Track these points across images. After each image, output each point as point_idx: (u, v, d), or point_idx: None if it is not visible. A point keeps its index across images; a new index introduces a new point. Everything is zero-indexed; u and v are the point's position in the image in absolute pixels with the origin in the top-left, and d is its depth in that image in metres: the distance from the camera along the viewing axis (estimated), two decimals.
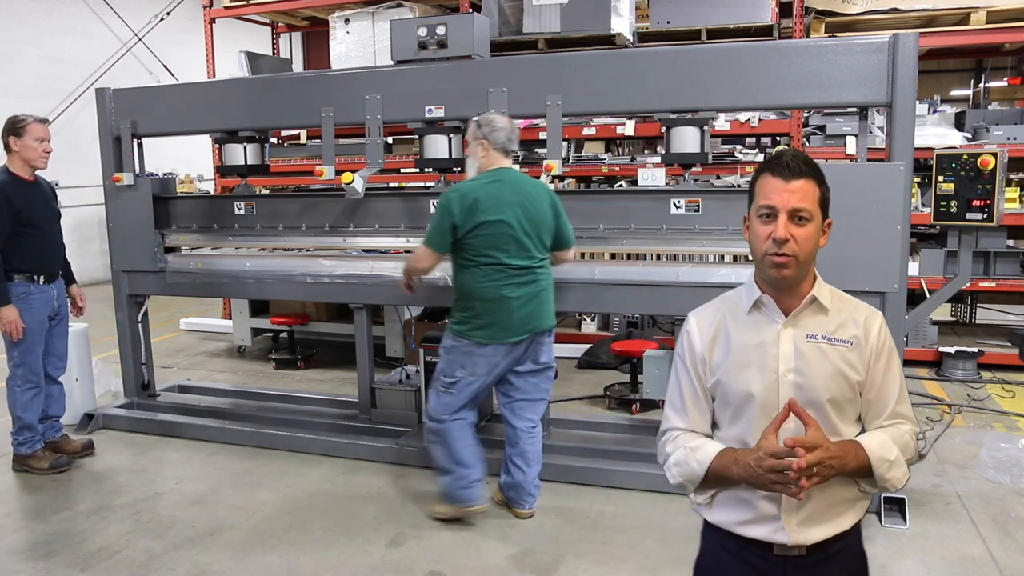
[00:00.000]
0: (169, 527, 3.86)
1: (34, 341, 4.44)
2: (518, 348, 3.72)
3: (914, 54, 3.62)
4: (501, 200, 3.59)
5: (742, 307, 1.80)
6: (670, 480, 1.83)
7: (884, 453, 1.68)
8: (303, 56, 11.76)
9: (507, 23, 6.30)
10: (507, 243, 3.60)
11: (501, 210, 3.58)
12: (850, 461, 1.65)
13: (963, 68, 14.06)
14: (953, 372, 6.02)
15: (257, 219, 4.99)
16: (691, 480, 1.78)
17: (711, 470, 1.74)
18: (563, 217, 3.82)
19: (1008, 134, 6.10)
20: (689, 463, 1.77)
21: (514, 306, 3.63)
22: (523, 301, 3.66)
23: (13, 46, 10.52)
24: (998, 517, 3.80)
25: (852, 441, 1.70)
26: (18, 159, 4.36)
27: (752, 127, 6.41)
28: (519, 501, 3.88)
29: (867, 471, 1.68)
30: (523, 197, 3.65)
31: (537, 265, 3.72)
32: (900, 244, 3.67)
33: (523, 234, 3.63)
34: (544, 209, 3.72)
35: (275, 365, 6.84)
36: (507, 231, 3.59)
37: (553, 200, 3.79)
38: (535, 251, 3.70)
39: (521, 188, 3.67)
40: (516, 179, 3.71)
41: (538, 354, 3.80)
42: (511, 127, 3.74)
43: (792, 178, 1.68)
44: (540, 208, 3.70)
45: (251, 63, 7.33)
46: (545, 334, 3.81)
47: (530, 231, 3.65)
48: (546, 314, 3.78)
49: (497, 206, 3.58)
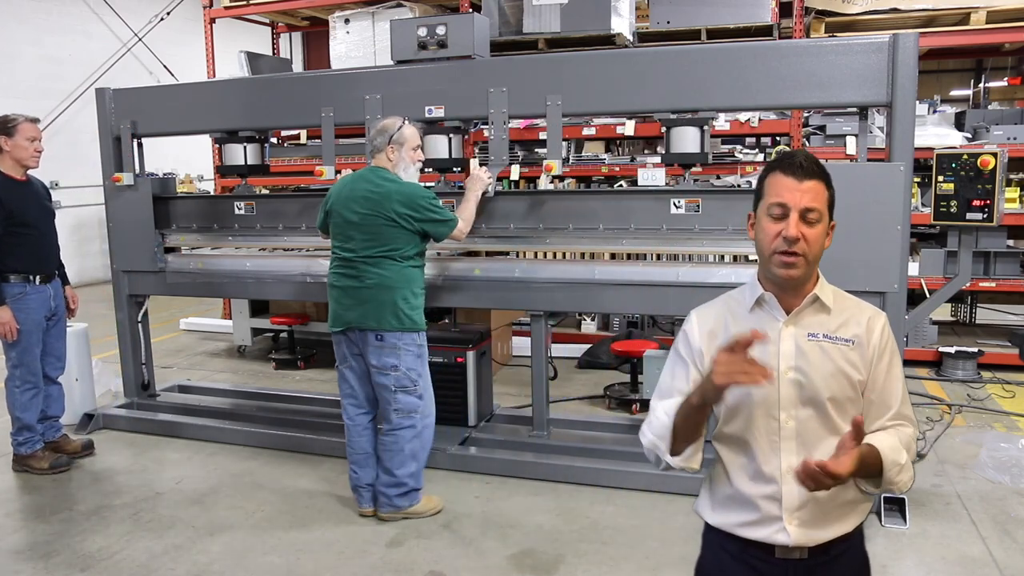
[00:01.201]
0: (169, 527, 3.86)
1: (31, 342, 4.44)
2: (344, 340, 3.87)
3: (914, 54, 3.62)
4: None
5: (744, 305, 1.79)
6: (644, 444, 1.79)
7: (896, 456, 1.68)
8: (303, 56, 11.77)
9: (507, 23, 6.30)
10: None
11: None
12: (867, 465, 1.63)
13: (963, 68, 14.05)
14: (953, 372, 6.02)
15: (257, 219, 4.99)
16: (660, 435, 1.74)
17: (678, 416, 1.70)
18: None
19: (1008, 134, 6.10)
20: (658, 417, 1.76)
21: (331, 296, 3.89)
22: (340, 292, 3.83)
23: (13, 46, 10.52)
24: (998, 517, 3.80)
25: (868, 445, 1.66)
26: (9, 159, 4.35)
27: (752, 127, 6.41)
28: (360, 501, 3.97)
29: (876, 473, 1.67)
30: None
31: (359, 259, 3.79)
32: (900, 244, 3.67)
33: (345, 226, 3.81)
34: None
35: (275, 365, 6.84)
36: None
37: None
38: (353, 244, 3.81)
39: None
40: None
41: (368, 354, 3.83)
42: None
43: (805, 178, 1.68)
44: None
45: (251, 63, 7.34)
46: (368, 333, 3.80)
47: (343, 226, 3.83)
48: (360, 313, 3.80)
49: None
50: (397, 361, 3.78)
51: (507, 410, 5.22)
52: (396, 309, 3.75)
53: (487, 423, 4.91)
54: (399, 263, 3.78)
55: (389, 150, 3.83)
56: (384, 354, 3.78)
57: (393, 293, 3.75)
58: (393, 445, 3.82)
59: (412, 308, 3.81)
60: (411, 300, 3.80)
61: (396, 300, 3.75)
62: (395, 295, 3.75)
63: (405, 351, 3.79)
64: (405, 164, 3.85)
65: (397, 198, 3.74)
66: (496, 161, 4.30)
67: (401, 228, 3.75)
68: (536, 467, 4.32)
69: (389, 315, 3.75)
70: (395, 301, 3.75)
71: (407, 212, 3.74)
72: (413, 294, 3.82)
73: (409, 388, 3.82)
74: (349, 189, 3.85)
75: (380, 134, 3.85)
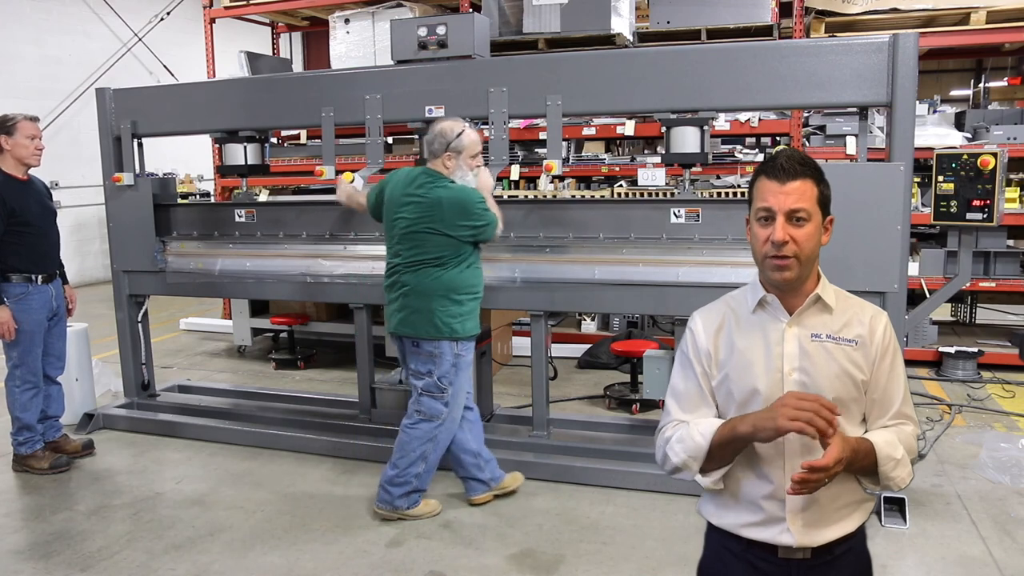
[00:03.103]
0: (169, 527, 3.86)
1: (33, 342, 4.44)
2: (396, 342, 3.89)
3: (914, 54, 3.62)
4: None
5: (746, 306, 1.79)
6: (672, 460, 1.75)
7: (891, 451, 1.68)
8: (303, 56, 11.77)
9: (507, 23, 6.30)
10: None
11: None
12: (860, 459, 1.64)
13: (963, 68, 14.03)
14: (953, 372, 6.02)
15: (257, 227, 5.00)
16: (694, 456, 1.72)
17: (715, 440, 1.69)
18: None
19: (1008, 134, 6.10)
20: (693, 437, 1.72)
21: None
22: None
23: (13, 46, 10.52)
24: (998, 517, 3.80)
25: (862, 438, 1.69)
26: (10, 158, 4.36)
27: (752, 127, 6.41)
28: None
29: (872, 468, 1.68)
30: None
31: (403, 265, 3.77)
32: (900, 244, 3.67)
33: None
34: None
35: (275, 365, 6.84)
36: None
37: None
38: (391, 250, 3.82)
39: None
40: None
41: (407, 357, 3.85)
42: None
43: (787, 180, 1.68)
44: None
45: (251, 63, 7.33)
46: (406, 340, 3.80)
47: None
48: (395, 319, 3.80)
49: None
50: (433, 367, 3.74)
51: (507, 410, 5.22)
52: (433, 317, 3.69)
53: (487, 423, 4.89)
54: (442, 270, 3.68)
55: (445, 157, 3.69)
56: (420, 361, 3.76)
57: (431, 301, 3.69)
58: (407, 444, 3.80)
59: (452, 315, 3.70)
60: (451, 307, 3.70)
61: (434, 308, 3.68)
62: (433, 303, 3.68)
63: (442, 359, 3.73)
64: (462, 172, 3.73)
65: (448, 207, 3.63)
66: (496, 161, 4.30)
67: (448, 236, 3.65)
68: (536, 467, 4.31)
69: (426, 323, 3.70)
70: (432, 309, 3.68)
71: (461, 221, 3.64)
72: (455, 301, 3.71)
73: (436, 394, 3.77)
74: (400, 191, 3.76)
75: (438, 138, 3.71)
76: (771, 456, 1.73)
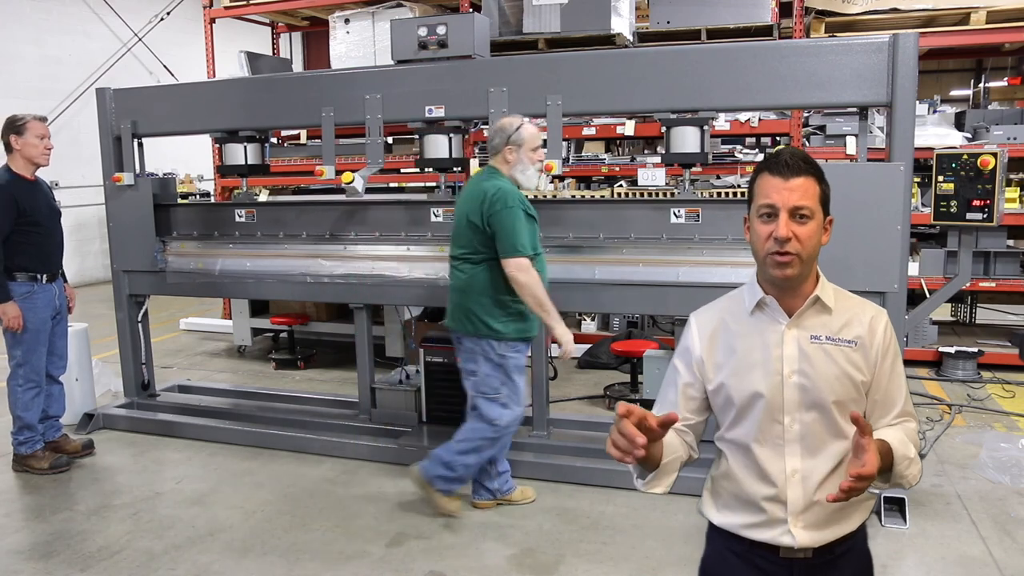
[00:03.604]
0: (169, 527, 3.86)
1: (38, 341, 4.44)
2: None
3: (914, 54, 3.62)
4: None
5: (744, 308, 1.78)
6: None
7: (905, 451, 1.67)
8: (303, 56, 11.77)
9: (507, 23, 6.30)
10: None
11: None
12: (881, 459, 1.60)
13: (963, 68, 14.03)
14: (953, 372, 6.02)
15: (258, 227, 5.00)
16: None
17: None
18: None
19: (1008, 134, 6.10)
20: None
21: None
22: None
23: (13, 46, 10.52)
24: (998, 517, 3.80)
25: (879, 440, 1.64)
26: (20, 158, 4.37)
27: (752, 127, 6.41)
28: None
29: (887, 467, 1.65)
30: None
31: (452, 259, 3.77)
32: (900, 244, 3.67)
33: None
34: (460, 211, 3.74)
35: (275, 365, 6.84)
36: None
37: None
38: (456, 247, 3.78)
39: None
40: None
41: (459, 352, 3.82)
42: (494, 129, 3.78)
43: (792, 176, 1.66)
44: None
45: (251, 63, 7.33)
46: (453, 335, 3.79)
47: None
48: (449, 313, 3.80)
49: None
50: (476, 367, 3.70)
51: None
52: (470, 314, 3.66)
53: None
54: (478, 266, 3.64)
55: (507, 151, 3.66)
56: (464, 358, 3.75)
57: (467, 297, 3.66)
58: (464, 441, 3.75)
59: (492, 316, 3.63)
60: (489, 307, 3.62)
61: (470, 305, 3.65)
62: (469, 300, 3.65)
63: (483, 358, 3.68)
64: (524, 166, 3.68)
65: (487, 196, 3.55)
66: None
67: (477, 228, 3.60)
68: (536, 467, 4.32)
69: (464, 319, 3.69)
70: (468, 306, 3.65)
71: (484, 209, 3.55)
72: (496, 301, 3.63)
73: (490, 395, 3.70)
74: (466, 188, 3.76)
75: (498, 134, 3.69)
76: (772, 458, 1.72)
